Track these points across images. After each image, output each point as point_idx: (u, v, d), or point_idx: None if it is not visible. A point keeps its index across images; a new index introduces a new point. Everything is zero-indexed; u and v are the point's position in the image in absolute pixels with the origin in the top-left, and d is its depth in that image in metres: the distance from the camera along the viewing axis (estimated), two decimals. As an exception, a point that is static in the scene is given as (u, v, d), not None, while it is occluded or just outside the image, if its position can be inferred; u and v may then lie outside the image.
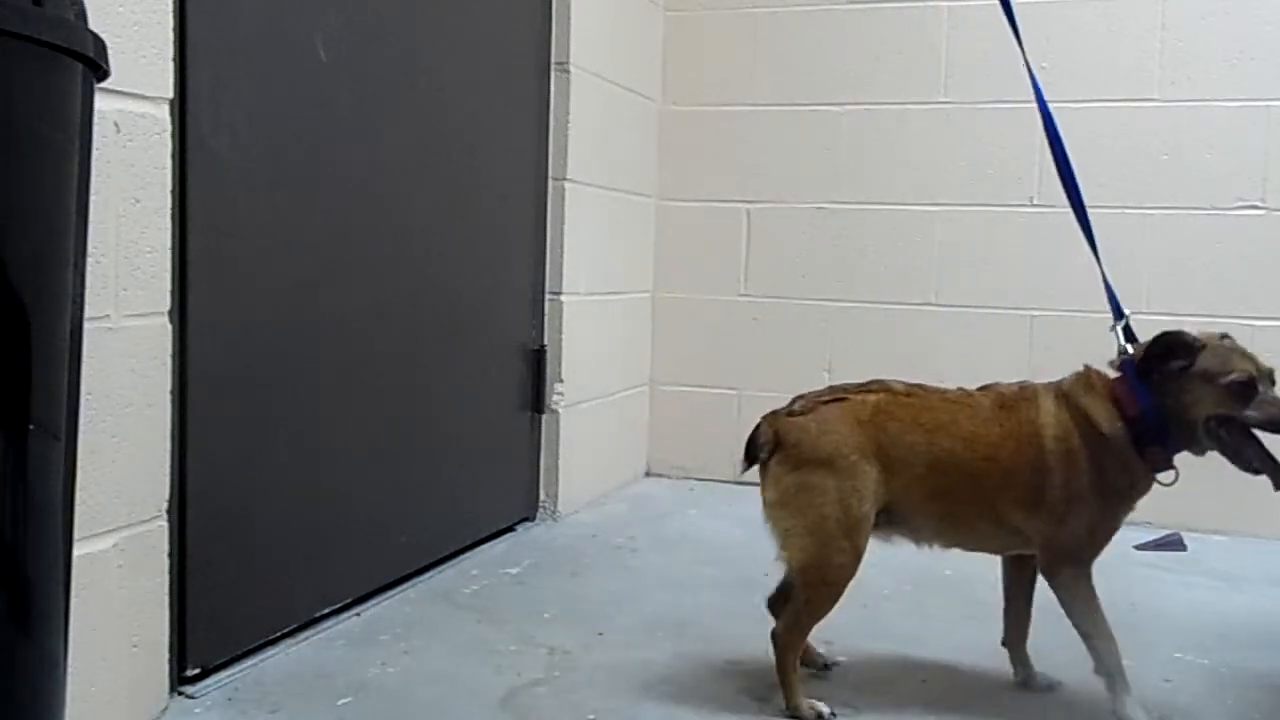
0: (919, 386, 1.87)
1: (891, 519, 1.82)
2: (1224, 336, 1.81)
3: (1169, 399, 1.75)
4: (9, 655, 0.98)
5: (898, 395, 1.83)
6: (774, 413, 1.86)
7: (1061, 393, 1.81)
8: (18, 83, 0.93)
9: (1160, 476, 1.79)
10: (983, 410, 1.81)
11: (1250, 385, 1.72)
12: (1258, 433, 1.74)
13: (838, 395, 1.84)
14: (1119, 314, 1.90)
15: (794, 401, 1.86)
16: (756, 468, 1.85)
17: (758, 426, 1.86)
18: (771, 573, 1.92)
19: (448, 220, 2.58)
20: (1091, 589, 1.79)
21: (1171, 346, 1.76)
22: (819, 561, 1.77)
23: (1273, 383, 1.76)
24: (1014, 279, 3.32)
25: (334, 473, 2.21)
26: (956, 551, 1.91)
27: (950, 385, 1.90)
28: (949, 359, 3.33)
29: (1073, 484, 1.76)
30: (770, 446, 1.81)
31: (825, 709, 1.81)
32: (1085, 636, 1.79)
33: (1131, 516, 1.83)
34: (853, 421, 1.79)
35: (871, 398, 1.82)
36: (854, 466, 1.76)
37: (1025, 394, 1.83)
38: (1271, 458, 1.73)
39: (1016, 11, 2.04)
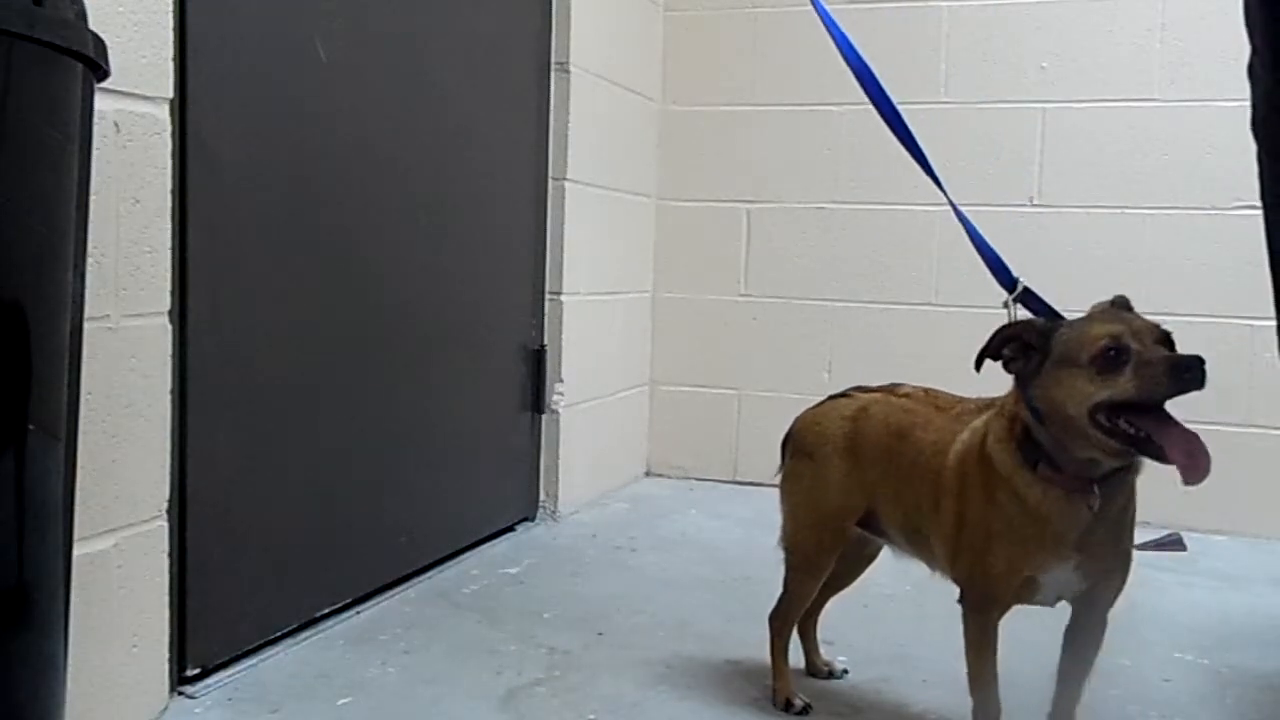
0: (927, 391, 1.80)
1: (878, 524, 1.79)
2: (1113, 301, 1.52)
3: (1043, 403, 1.43)
4: (9, 655, 0.98)
5: (890, 397, 1.80)
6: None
7: (998, 407, 1.56)
8: (18, 83, 0.93)
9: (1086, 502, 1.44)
10: (942, 419, 1.67)
11: (1119, 351, 1.35)
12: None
13: (846, 392, 1.87)
14: (1009, 284, 1.58)
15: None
16: None
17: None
18: (771, 571, 1.93)
19: (448, 220, 2.58)
20: (985, 640, 1.55)
21: (1014, 338, 1.48)
22: (791, 546, 1.84)
23: (1162, 340, 1.39)
24: (1014, 279, 3.31)
25: (334, 473, 2.21)
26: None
27: (949, 386, 1.88)
28: (949, 359, 3.29)
29: (966, 512, 1.54)
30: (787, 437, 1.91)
31: (799, 701, 1.83)
32: (969, 686, 1.60)
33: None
34: (837, 418, 1.80)
35: (866, 397, 1.82)
36: (827, 460, 1.78)
37: (980, 406, 1.64)
38: (1185, 439, 1.35)
39: (1017, 11, 2.02)
